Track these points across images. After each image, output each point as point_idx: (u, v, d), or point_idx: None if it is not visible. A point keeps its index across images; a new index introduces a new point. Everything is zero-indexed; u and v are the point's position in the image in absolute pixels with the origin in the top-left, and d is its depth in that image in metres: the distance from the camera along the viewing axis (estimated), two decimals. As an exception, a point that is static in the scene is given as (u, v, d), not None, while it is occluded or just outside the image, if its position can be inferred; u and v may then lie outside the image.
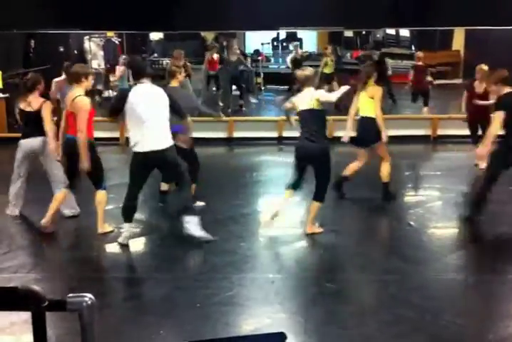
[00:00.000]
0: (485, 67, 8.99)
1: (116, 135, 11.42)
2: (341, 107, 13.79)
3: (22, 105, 7.05)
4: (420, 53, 13.52)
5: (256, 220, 7.22)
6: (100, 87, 16.47)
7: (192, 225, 6.12)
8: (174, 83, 7.47)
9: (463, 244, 6.41)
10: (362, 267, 5.65)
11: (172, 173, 6.21)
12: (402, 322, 4.55)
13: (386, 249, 6.27)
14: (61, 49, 15.35)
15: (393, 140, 8.41)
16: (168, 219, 7.11)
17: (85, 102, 6.23)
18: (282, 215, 6.74)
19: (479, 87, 9.13)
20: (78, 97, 6.25)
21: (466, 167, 9.72)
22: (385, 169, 7.63)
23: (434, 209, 7.71)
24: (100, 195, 6.61)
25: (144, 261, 6.09)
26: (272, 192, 8.62)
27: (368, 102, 7.48)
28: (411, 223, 6.81)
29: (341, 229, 6.65)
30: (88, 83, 6.48)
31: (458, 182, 8.66)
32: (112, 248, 6.41)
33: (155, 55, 19.76)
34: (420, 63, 13.01)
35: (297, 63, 13.82)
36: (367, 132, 7.51)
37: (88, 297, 2.15)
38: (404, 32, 20.15)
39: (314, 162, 6.40)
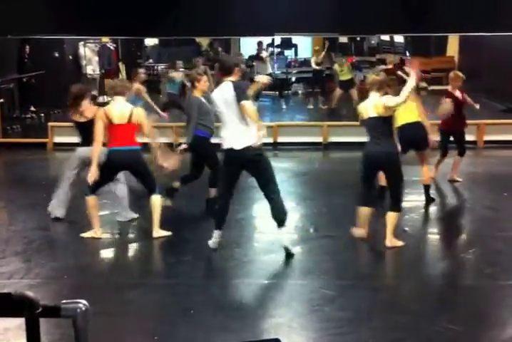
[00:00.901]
0: (460, 73, 8.91)
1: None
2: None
3: (75, 117, 7.03)
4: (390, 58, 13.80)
5: (251, 225, 7.22)
6: (94, 92, 16.47)
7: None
8: (197, 93, 7.35)
9: (458, 249, 6.41)
10: (357, 273, 5.64)
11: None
12: (397, 328, 4.55)
13: (381, 255, 6.27)
14: (56, 55, 15.34)
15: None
16: (165, 224, 7.09)
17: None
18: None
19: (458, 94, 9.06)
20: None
21: (460, 173, 9.74)
22: (427, 172, 7.72)
23: (429, 215, 7.72)
24: (156, 199, 6.56)
25: (138, 266, 6.08)
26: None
27: (412, 107, 7.47)
28: (406, 229, 6.82)
29: (336, 234, 6.64)
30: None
31: (452, 187, 8.67)
32: (106, 254, 6.40)
33: (150, 60, 19.76)
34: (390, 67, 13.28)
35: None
36: (425, 135, 7.56)
37: (82, 303, 2.14)
38: (399, 38, 20.20)
39: (385, 170, 6.29)
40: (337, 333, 4.48)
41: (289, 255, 5.92)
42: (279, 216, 5.95)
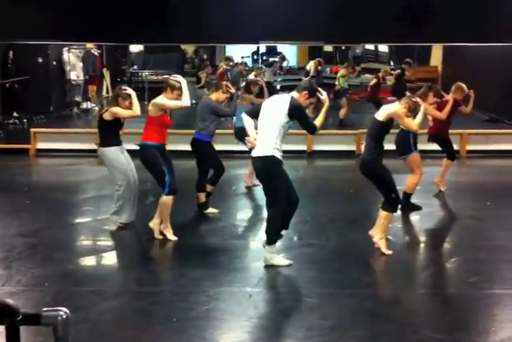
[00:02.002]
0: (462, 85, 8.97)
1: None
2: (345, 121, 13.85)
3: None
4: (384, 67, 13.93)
5: (235, 233, 7.19)
6: (78, 98, 16.41)
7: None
8: (213, 96, 7.70)
9: (441, 258, 6.43)
10: (340, 281, 5.64)
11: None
12: (380, 337, 4.54)
13: (365, 264, 6.28)
14: (40, 60, 15.27)
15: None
16: (147, 232, 7.06)
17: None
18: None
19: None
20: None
21: (444, 182, 9.80)
22: (412, 181, 7.78)
23: (412, 224, 7.75)
24: (162, 199, 6.59)
25: (121, 274, 6.03)
26: (251, 206, 8.62)
27: None
28: (390, 237, 6.83)
29: (319, 243, 6.64)
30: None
31: (436, 196, 8.71)
32: (88, 261, 6.35)
33: (135, 67, 19.74)
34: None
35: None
36: (401, 142, 7.71)
37: (63, 311, 2.12)
38: (383, 48, 20.37)
39: (366, 174, 6.34)
40: (320, 341, 4.46)
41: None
42: (266, 231, 5.95)
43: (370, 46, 20.59)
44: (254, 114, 6.01)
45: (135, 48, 20.07)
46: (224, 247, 6.55)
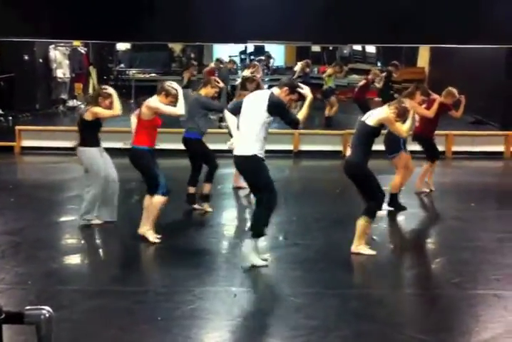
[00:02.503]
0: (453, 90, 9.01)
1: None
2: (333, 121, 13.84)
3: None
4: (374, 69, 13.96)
5: (219, 233, 7.19)
6: (64, 96, 16.32)
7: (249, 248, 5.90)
8: (202, 92, 7.72)
9: (425, 259, 6.46)
10: (325, 281, 5.65)
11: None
12: (364, 337, 4.56)
13: (349, 264, 6.29)
14: (26, 57, 15.17)
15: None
16: (131, 231, 7.04)
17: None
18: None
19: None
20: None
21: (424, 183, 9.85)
22: (396, 181, 7.83)
23: (397, 224, 7.78)
24: (153, 199, 6.51)
25: (105, 273, 6.00)
26: (237, 205, 8.62)
27: None
28: (374, 237, 6.85)
29: (304, 243, 6.65)
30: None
31: (421, 197, 8.75)
32: (72, 260, 6.32)
33: (122, 65, 19.66)
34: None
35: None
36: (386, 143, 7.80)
37: (46, 310, 2.12)
38: (371, 48, 20.42)
39: (350, 177, 6.31)
40: (305, 341, 4.47)
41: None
42: (252, 224, 5.92)
43: (357, 47, 20.63)
44: (237, 110, 5.98)
45: (122, 46, 19.97)
46: (210, 247, 6.55)
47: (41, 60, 15.62)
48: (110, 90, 6.99)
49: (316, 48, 20.29)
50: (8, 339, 4.02)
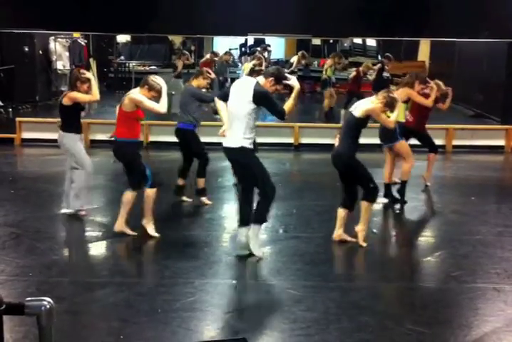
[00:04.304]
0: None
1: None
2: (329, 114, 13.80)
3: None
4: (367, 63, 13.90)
5: (220, 225, 7.20)
6: (64, 88, 16.29)
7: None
8: (194, 83, 7.71)
9: (425, 252, 6.47)
10: (325, 274, 5.66)
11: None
12: (364, 329, 4.57)
13: (349, 256, 6.30)
14: (26, 49, 15.13)
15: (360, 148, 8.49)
16: (131, 223, 7.04)
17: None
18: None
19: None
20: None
21: (429, 176, 9.85)
22: (405, 168, 7.91)
23: (396, 217, 7.79)
24: (148, 192, 6.45)
25: (105, 265, 6.01)
26: (237, 198, 8.61)
27: None
28: (374, 230, 6.86)
29: (305, 235, 6.65)
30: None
31: (420, 190, 8.75)
32: (72, 251, 6.33)
33: (122, 57, 19.62)
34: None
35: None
36: (385, 131, 7.76)
37: (47, 301, 2.12)
38: (371, 42, 20.37)
39: (339, 167, 6.32)
40: (304, 333, 4.48)
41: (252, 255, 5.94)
42: (256, 210, 5.94)
43: (358, 40, 20.58)
44: (225, 96, 5.93)
45: (122, 38, 19.92)
46: (210, 239, 6.55)
47: (41, 52, 15.57)
48: (88, 74, 6.95)
49: (316, 41, 20.24)
50: (10, 331, 4.04)
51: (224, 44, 19.45)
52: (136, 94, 6.33)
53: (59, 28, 12.91)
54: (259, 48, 18.52)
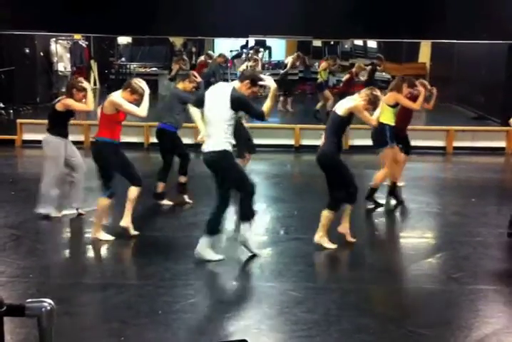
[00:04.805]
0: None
1: (80, 138, 11.24)
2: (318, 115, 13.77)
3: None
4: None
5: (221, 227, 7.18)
6: (65, 90, 16.30)
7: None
8: (180, 85, 7.77)
9: (426, 254, 6.46)
10: (326, 276, 5.66)
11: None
12: (364, 331, 4.56)
13: (351, 258, 6.29)
14: (27, 51, 15.14)
15: (357, 149, 8.52)
16: (135, 224, 7.05)
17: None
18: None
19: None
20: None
21: (430, 178, 9.86)
22: (380, 173, 7.83)
23: (397, 219, 7.79)
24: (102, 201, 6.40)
25: (105, 267, 6.01)
26: (235, 200, 8.60)
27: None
28: (376, 232, 6.86)
29: (306, 237, 6.64)
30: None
31: (421, 192, 8.76)
32: (73, 253, 6.32)
33: (123, 59, 19.63)
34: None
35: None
36: (376, 135, 7.81)
37: (48, 302, 2.12)
38: (372, 43, 20.38)
39: (322, 168, 6.31)
40: (305, 335, 4.48)
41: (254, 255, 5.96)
42: (241, 209, 6.01)
43: (359, 42, 20.59)
44: (200, 103, 5.92)
45: (123, 40, 19.94)
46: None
47: (41, 54, 15.59)
48: (86, 84, 6.96)
49: (317, 43, 20.24)
50: (10, 332, 4.04)
51: (225, 46, 19.45)
52: (116, 97, 6.26)
53: (60, 30, 12.92)
54: (251, 51, 18.50)
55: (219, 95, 5.68)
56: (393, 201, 8.13)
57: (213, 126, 5.70)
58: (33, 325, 2.14)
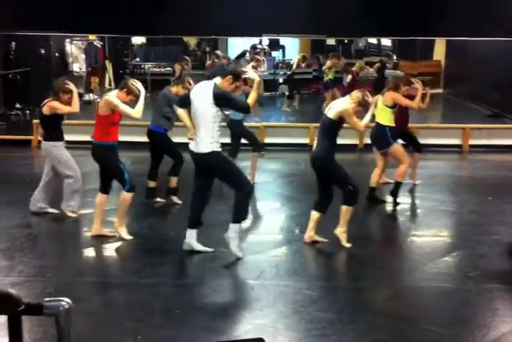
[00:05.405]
0: None
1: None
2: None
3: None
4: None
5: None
6: (80, 90, 16.39)
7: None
8: (173, 89, 7.72)
9: (441, 252, 6.43)
10: (341, 275, 5.66)
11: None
12: (379, 330, 4.55)
13: (366, 257, 6.28)
14: (42, 52, 15.23)
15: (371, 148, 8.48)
16: (149, 223, 7.08)
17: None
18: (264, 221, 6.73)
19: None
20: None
21: (446, 176, 9.80)
22: (401, 169, 7.82)
23: (413, 218, 7.76)
24: (124, 196, 6.41)
25: (122, 266, 6.04)
26: (252, 199, 8.61)
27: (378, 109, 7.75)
28: (392, 231, 6.84)
29: (320, 236, 6.63)
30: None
31: (437, 190, 8.71)
32: (89, 252, 6.36)
33: (137, 59, 19.69)
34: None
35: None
36: (376, 136, 7.86)
37: (65, 301, 2.12)
38: (386, 41, 20.29)
39: (317, 170, 6.31)
40: (320, 334, 4.48)
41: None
42: (237, 210, 5.98)
43: (373, 40, 20.51)
44: (184, 102, 5.96)
45: (138, 40, 20.00)
46: (225, 240, 6.54)
47: (57, 54, 15.67)
48: (71, 86, 6.97)
49: (331, 42, 20.18)
50: (28, 331, 4.07)
51: (238, 45, 19.44)
52: (112, 97, 6.25)
53: (75, 31, 12.97)
54: (248, 49, 18.41)
55: (202, 94, 5.72)
56: (407, 200, 8.09)
57: (201, 125, 5.74)
58: (51, 324, 2.16)
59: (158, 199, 7.83)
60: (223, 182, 6.03)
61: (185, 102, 5.94)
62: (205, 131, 5.71)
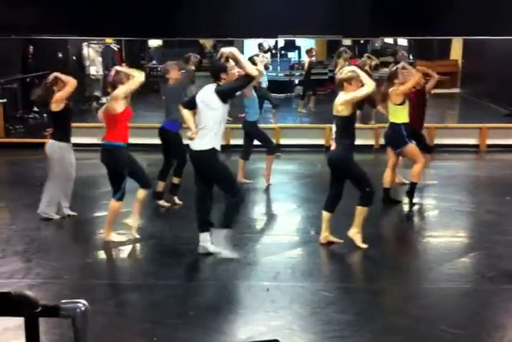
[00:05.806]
0: None
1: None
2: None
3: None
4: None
5: (251, 227, 7.20)
6: (97, 93, 16.48)
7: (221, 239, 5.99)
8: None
9: (458, 253, 6.39)
10: (357, 276, 5.64)
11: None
12: (396, 331, 4.54)
13: (382, 258, 6.26)
14: (60, 55, 15.34)
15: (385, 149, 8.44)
16: (164, 225, 7.11)
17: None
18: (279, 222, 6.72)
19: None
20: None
21: (463, 176, 9.74)
22: (416, 168, 7.77)
23: (430, 218, 7.72)
24: (114, 204, 6.46)
25: (138, 267, 6.07)
26: (268, 200, 8.62)
27: (390, 109, 7.82)
28: (408, 231, 6.81)
29: (336, 237, 6.62)
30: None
31: (454, 191, 8.66)
32: (106, 254, 6.39)
33: (154, 62, 19.77)
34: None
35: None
36: (390, 136, 7.84)
37: (82, 303, 2.14)
38: (402, 41, 20.20)
39: (335, 170, 6.28)
40: (337, 335, 4.47)
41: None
42: (228, 215, 6.01)
43: (389, 40, 20.42)
44: (192, 105, 6.00)
45: (154, 42, 20.09)
46: (241, 241, 6.55)
47: (74, 58, 15.78)
48: (53, 74, 7.14)
49: (347, 42, 20.13)
50: (45, 333, 4.10)
51: (254, 46, 19.44)
52: (116, 91, 6.24)
53: (92, 34, 13.05)
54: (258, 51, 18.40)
55: (207, 97, 5.83)
56: (424, 201, 8.05)
57: (204, 127, 5.80)
58: (67, 325, 2.17)
59: (163, 203, 7.80)
60: (217, 185, 6.03)
61: (191, 104, 6.03)
62: (207, 132, 5.79)
